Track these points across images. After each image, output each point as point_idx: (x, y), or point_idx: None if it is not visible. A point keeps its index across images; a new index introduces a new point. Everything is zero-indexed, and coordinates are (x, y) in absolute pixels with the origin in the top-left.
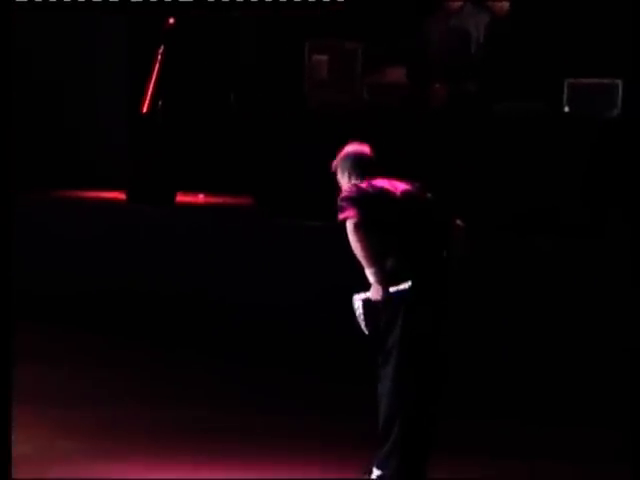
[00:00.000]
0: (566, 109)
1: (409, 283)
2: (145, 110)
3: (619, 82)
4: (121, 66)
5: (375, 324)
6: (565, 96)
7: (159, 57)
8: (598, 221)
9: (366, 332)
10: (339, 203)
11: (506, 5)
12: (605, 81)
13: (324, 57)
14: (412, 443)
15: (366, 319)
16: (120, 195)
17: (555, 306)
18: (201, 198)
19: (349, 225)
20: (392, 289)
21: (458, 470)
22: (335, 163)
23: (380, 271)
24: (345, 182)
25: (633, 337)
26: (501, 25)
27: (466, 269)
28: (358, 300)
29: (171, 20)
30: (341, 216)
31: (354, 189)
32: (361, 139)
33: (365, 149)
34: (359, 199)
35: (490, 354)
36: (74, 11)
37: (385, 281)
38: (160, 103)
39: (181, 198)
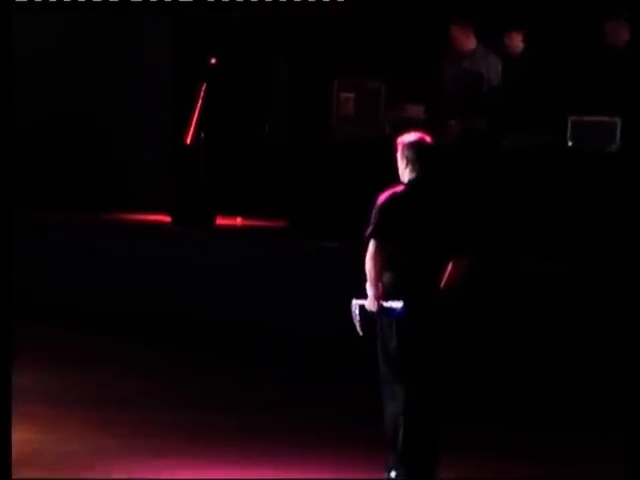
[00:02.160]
0: (570, 144)
1: (401, 303)
2: (189, 141)
3: (618, 120)
4: (165, 102)
5: (368, 329)
6: (569, 132)
7: (202, 93)
8: (600, 246)
9: (360, 333)
10: (374, 212)
11: (520, 45)
12: (605, 119)
13: (350, 95)
14: (417, 445)
15: (360, 323)
16: (165, 218)
17: (557, 322)
18: (238, 221)
19: (371, 245)
20: (385, 304)
21: (467, 471)
22: (398, 151)
23: (378, 289)
24: (404, 170)
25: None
26: (511, 67)
27: (475, 290)
28: (356, 305)
29: (213, 60)
30: (367, 233)
31: (389, 199)
32: (382, 169)
33: (427, 138)
34: (387, 217)
35: (497, 365)
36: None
37: (380, 297)
38: (202, 135)
39: (220, 221)
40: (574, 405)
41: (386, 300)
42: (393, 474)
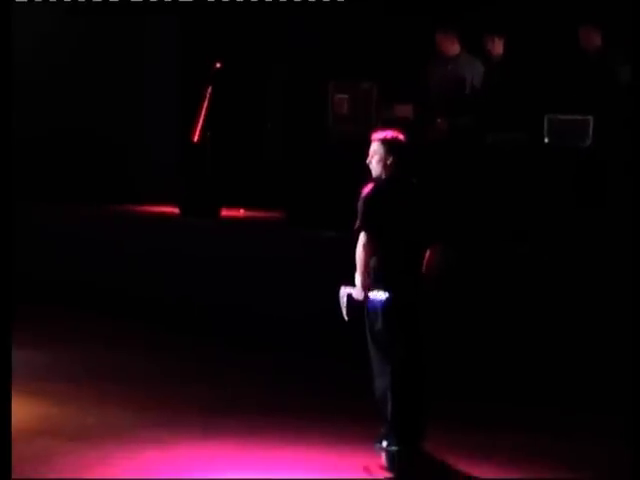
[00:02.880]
0: (546, 140)
1: (386, 295)
2: (196, 139)
3: (590, 118)
4: (173, 103)
5: (354, 314)
6: (545, 129)
7: (207, 95)
8: (574, 231)
9: (346, 318)
10: (359, 205)
11: (500, 50)
12: (579, 117)
13: (345, 96)
14: (405, 417)
15: (347, 308)
16: (174, 210)
17: (549, 304)
18: (241, 212)
19: (362, 237)
20: (371, 295)
21: (452, 441)
22: (374, 148)
23: (365, 279)
24: (378, 168)
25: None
26: (492, 71)
27: (467, 276)
28: (344, 292)
29: (218, 64)
30: (356, 227)
31: (372, 192)
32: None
33: (402, 136)
34: (373, 209)
35: (494, 346)
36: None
37: (367, 287)
38: (208, 133)
39: (225, 212)
40: (556, 380)
41: (372, 289)
42: (384, 444)
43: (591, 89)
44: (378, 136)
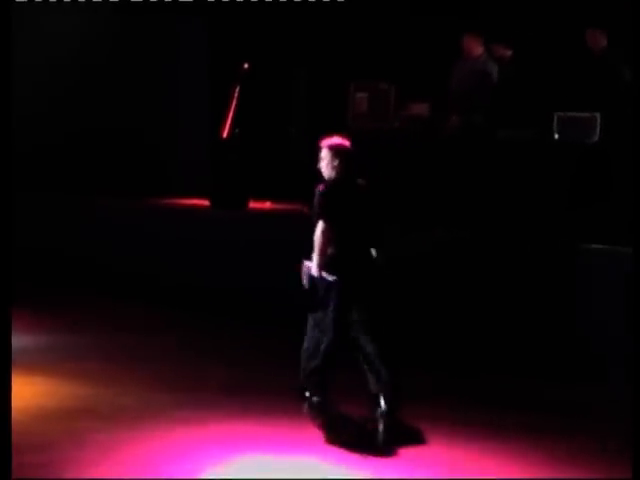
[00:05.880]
0: (556, 136)
1: (334, 277)
2: (225, 136)
3: (597, 115)
4: (204, 103)
5: (312, 284)
6: (555, 126)
7: (236, 94)
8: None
9: (306, 286)
10: (317, 199)
11: (509, 54)
12: (586, 114)
13: (364, 94)
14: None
15: (307, 278)
16: (205, 202)
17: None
18: (267, 204)
19: (320, 224)
20: (324, 274)
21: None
22: (324, 152)
23: (322, 259)
24: (328, 170)
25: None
26: (505, 70)
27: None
28: (306, 265)
29: (245, 65)
30: (317, 215)
31: (327, 188)
32: (392, 158)
33: (347, 142)
34: (329, 202)
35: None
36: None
37: (322, 267)
38: (237, 130)
39: (252, 204)
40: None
41: (325, 270)
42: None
43: (598, 88)
44: (326, 143)
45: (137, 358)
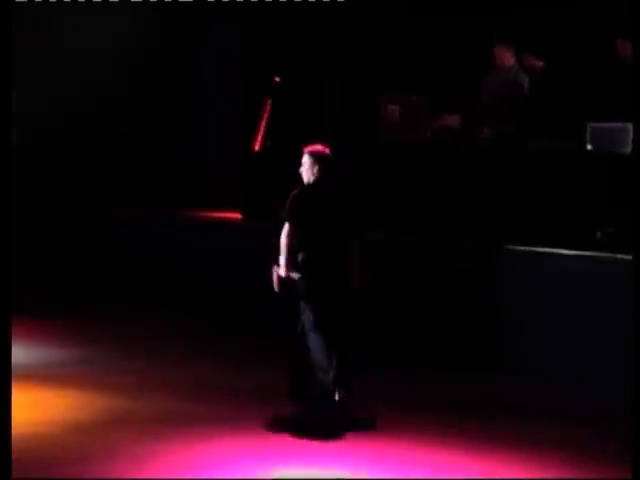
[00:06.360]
0: (588, 147)
1: (298, 275)
2: (257, 148)
3: (630, 125)
4: (235, 115)
5: (283, 287)
6: (587, 137)
7: (267, 107)
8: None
9: (276, 290)
10: (288, 201)
11: (540, 64)
12: (619, 125)
13: (396, 107)
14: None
15: (277, 284)
16: (237, 215)
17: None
18: None
19: (286, 226)
20: (291, 274)
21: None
22: (305, 158)
23: (287, 260)
24: (307, 175)
25: None
26: (537, 81)
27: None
28: (275, 270)
29: (277, 78)
30: (283, 217)
31: (300, 194)
32: (423, 170)
33: (327, 150)
34: (298, 205)
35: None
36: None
37: (288, 268)
38: (268, 143)
39: None
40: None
41: (292, 270)
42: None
43: (630, 97)
44: (308, 149)
45: (163, 368)
